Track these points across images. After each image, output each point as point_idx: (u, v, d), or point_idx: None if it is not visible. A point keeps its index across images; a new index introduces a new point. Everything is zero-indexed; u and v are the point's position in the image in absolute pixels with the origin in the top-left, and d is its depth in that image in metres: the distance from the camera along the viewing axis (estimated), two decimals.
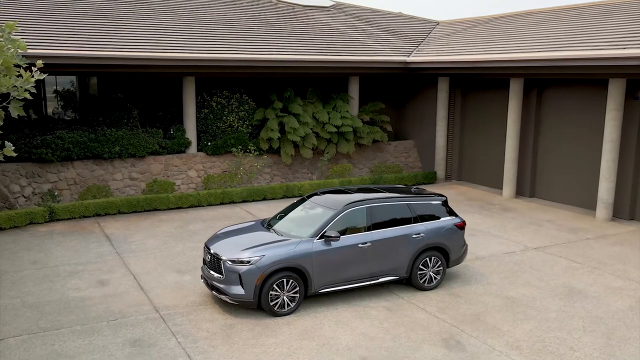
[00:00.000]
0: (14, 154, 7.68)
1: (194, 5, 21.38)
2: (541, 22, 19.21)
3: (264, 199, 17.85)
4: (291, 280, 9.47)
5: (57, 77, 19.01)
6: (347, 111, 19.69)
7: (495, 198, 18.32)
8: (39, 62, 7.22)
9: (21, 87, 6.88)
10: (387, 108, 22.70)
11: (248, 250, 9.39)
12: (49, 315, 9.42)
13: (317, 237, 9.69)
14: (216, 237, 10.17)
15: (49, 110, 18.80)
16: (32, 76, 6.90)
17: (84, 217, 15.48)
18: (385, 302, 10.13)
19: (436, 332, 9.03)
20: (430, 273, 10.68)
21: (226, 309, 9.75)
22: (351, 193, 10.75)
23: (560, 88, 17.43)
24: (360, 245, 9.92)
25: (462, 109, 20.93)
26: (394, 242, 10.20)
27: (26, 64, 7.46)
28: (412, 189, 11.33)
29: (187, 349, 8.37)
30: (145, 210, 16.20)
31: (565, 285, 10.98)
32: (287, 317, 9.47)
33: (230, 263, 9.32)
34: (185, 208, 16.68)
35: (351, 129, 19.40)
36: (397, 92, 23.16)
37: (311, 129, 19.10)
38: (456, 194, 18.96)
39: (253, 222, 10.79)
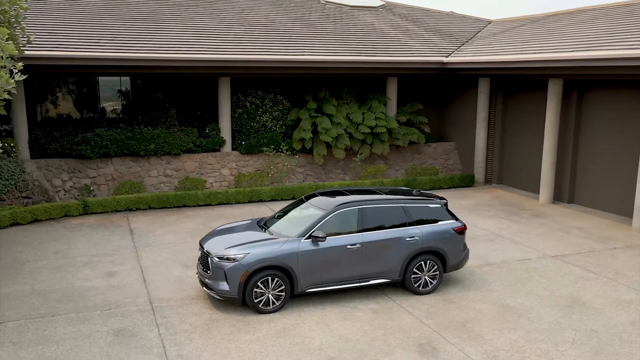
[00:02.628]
0: None
1: (239, 7, 21.89)
2: (590, 20, 18.39)
3: (293, 198, 18.06)
4: (276, 279, 9.61)
5: (116, 77, 20.11)
6: (382, 112, 19.59)
7: (531, 203, 17.70)
8: (19, 65, 7.74)
9: (1, 87, 7.39)
10: (428, 109, 22.39)
11: (234, 248, 9.62)
12: (51, 303, 10.02)
13: (305, 237, 9.79)
14: (210, 235, 10.47)
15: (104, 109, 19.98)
16: (13, 78, 7.39)
17: (116, 211, 16.23)
18: (374, 305, 10.09)
19: (415, 337, 8.91)
20: (426, 277, 10.52)
21: (215, 304, 10.02)
22: (348, 194, 10.75)
23: (602, 90, 16.62)
24: (349, 247, 9.93)
25: (504, 111, 20.33)
26: (385, 244, 10.13)
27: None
28: (413, 192, 11.20)
29: (165, 340, 8.69)
30: (174, 207, 16.80)
31: (570, 296, 10.53)
32: (271, 314, 9.63)
33: (217, 259, 9.58)
34: (213, 205, 17.15)
35: (385, 130, 19.28)
36: (438, 93, 22.80)
37: (344, 129, 19.15)
38: (490, 198, 18.46)
39: (249, 221, 11.01)
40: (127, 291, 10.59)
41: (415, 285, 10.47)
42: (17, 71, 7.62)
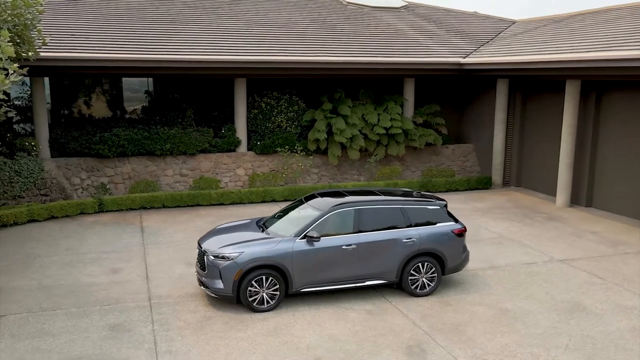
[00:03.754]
0: None
1: (260, 9, 22.08)
2: (613, 20, 17.98)
3: None
4: (271, 278, 9.70)
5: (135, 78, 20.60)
6: (398, 113, 19.51)
7: (547, 206, 17.39)
8: (14, 66, 8.00)
9: None
10: (447, 111, 22.20)
11: (229, 247, 9.74)
12: (54, 297, 10.30)
13: (300, 237, 9.85)
14: (209, 234, 10.61)
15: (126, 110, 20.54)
16: (8, 78, 7.66)
17: (131, 209, 16.56)
18: (369, 306, 10.08)
19: (405, 338, 8.88)
20: (423, 279, 10.46)
21: (211, 302, 10.15)
22: (347, 195, 10.76)
23: (621, 92, 16.24)
24: (344, 247, 9.95)
25: (523, 113, 20.03)
26: (381, 245, 10.12)
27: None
28: (413, 193, 11.15)
29: (157, 336, 8.86)
30: (188, 206, 17.05)
31: (571, 301, 10.34)
32: (265, 313, 9.71)
33: (212, 258, 9.72)
34: (226, 205, 17.35)
35: (401, 131, 19.20)
36: (457, 95, 22.58)
37: (359, 130, 19.15)
38: (506, 200, 18.21)
39: (249, 220, 11.12)
40: (129, 287, 10.81)
41: (413, 287, 10.42)
42: (12, 72, 7.91)
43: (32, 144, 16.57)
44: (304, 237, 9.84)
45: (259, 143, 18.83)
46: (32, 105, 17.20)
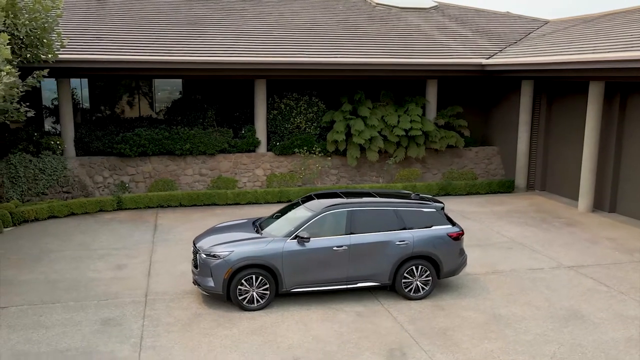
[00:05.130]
0: None
1: (286, 10, 22.26)
2: None
3: None
4: (261, 277, 9.79)
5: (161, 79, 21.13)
6: (418, 115, 19.33)
7: (568, 211, 16.92)
8: (7, 68, 8.34)
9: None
10: (471, 113, 21.84)
11: (220, 245, 9.88)
12: (56, 291, 10.66)
13: (291, 238, 9.91)
14: (205, 233, 10.78)
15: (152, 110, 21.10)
16: (1, 80, 7.99)
17: (148, 207, 16.95)
18: (360, 307, 10.06)
19: (389, 341, 8.83)
20: (417, 283, 10.36)
21: (205, 300, 10.31)
22: (343, 197, 10.75)
23: None
24: (335, 248, 9.95)
25: (548, 115, 19.54)
26: (373, 247, 10.08)
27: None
28: (411, 195, 11.06)
29: (145, 332, 9.07)
30: (204, 205, 17.33)
31: (570, 309, 10.06)
32: (254, 312, 9.81)
33: (204, 256, 9.88)
34: (242, 205, 17.55)
35: (421, 133, 19.02)
36: (482, 96, 22.20)
37: (379, 132, 19.07)
38: (527, 204, 17.80)
39: (246, 220, 11.24)
40: (129, 283, 11.08)
41: (406, 290, 10.33)
42: (5, 74, 8.25)
43: (58, 142, 17.15)
44: (294, 238, 9.90)
45: (278, 144, 18.97)
46: (58, 105, 17.82)
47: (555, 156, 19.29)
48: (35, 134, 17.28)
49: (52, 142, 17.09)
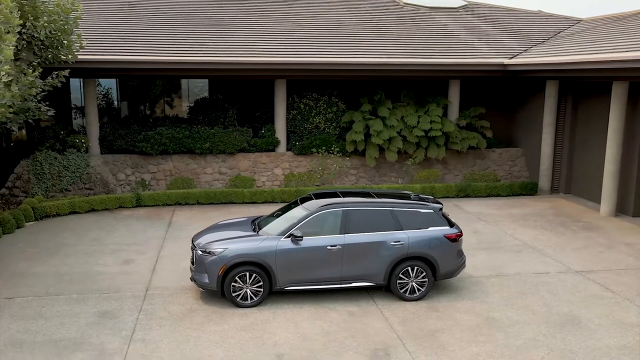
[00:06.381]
0: None
1: (312, 10, 22.38)
2: None
3: None
4: (254, 275, 9.91)
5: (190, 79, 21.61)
6: (438, 115, 19.13)
7: (590, 215, 16.47)
8: (6, 67, 8.70)
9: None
10: (495, 114, 21.47)
11: (216, 242, 10.06)
12: (62, 284, 11.03)
13: (285, 236, 10.00)
14: (204, 230, 10.98)
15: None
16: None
17: (167, 205, 17.32)
18: (354, 307, 10.07)
19: (375, 342, 8.82)
20: (413, 284, 10.30)
21: (201, 296, 10.50)
22: (341, 196, 10.78)
23: None
24: (329, 248, 9.99)
25: (574, 116, 19.06)
26: (367, 247, 10.07)
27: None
28: (411, 196, 11.00)
29: (138, 325, 9.31)
30: (221, 203, 17.59)
31: (568, 314, 9.83)
32: (247, 309, 9.94)
33: (200, 253, 10.07)
34: (259, 203, 17.73)
35: (440, 133, 18.83)
36: (506, 97, 21.78)
37: (398, 132, 18.97)
38: (547, 207, 17.40)
39: (246, 218, 11.39)
40: (133, 278, 11.38)
41: (402, 291, 10.29)
42: (4, 73, 8.62)
43: (82, 141, 17.71)
44: (288, 236, 9.98)
45: (297, 143, 19.10)
46: (84, 105, 18.40)
47: (581, 158, 18.81)
48: (62, 132, 17.87)
49: (77, 140, 17.65)
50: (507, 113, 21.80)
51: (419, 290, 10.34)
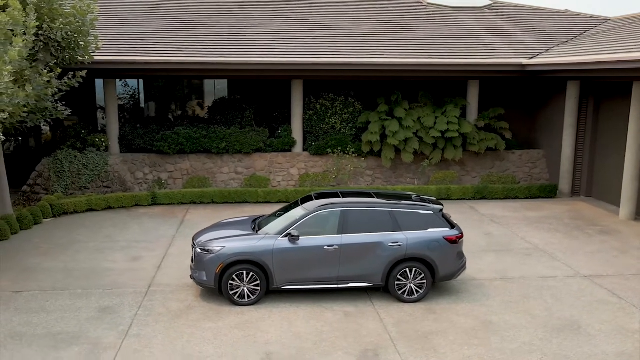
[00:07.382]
0: None
1: (333, 10, 22.42)
2: None
3: None
4: (251, 273, 9.99)
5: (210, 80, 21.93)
6: (456, 116, 18.93)
7: (608, 219, 16.08)
8: (9, 68, 8.96)
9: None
10: (517, 115, 21.14)
11: (214, 241, 10.18)
12: (69, 279, 11.30)
13: (282, 235, 10.06)
14: (205, 229, 11.12)
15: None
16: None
17: (182, 203, 17.56)
18: (351, 307, 10.06)
19: (366, 342, 8.80)
20: (411, 285, 10.24)
21: (201, 293, 10.63)
22: (341, 197, 10.78)
23: None
24: (326, 247, 10.01)
25: (595, 118, 18.62)
26: (364, 248, 10.05)
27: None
28: (412, 197, 10.94)
29: (135, 320, 9.48)
30: (236, 202, 17.75)
31: (569, 319, 9.63)
32: (244, 307, 10.01)
33: (199, 251, 10.20)
34: (273, 203, 17.83)
35: (458, 135, 18.64)
36: (527, 98, 21.41)
37: (414, 133, 18.85)
38: (565, 211, 17.05)
39: (247, 218, 11.49)
40: (138, 275, 11.58)
41: (400, 293, 10.23)
42: (6, 73, 8.90)
43: (102, 140, 18.10)
44: (286, 236, 10.03)
45: (313, 144, 19.15)
46: (105, 104, 18.80)
47: (602, 161, 18.37)
48: (83, 131, 18.29)
49: (97, 140, 18.04)
50: (527, 114, 21.44)
51: (417, 292, 10.27)
